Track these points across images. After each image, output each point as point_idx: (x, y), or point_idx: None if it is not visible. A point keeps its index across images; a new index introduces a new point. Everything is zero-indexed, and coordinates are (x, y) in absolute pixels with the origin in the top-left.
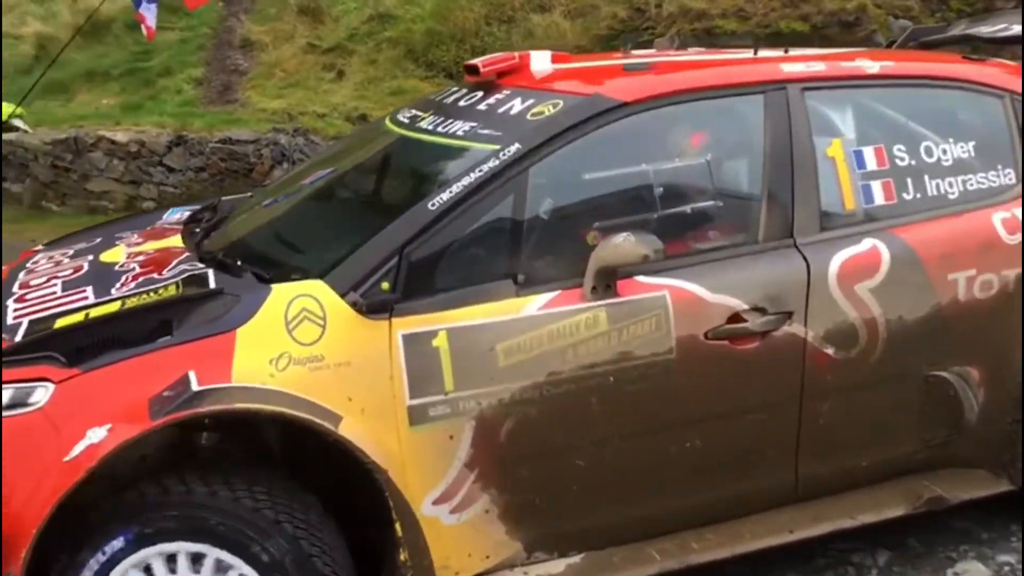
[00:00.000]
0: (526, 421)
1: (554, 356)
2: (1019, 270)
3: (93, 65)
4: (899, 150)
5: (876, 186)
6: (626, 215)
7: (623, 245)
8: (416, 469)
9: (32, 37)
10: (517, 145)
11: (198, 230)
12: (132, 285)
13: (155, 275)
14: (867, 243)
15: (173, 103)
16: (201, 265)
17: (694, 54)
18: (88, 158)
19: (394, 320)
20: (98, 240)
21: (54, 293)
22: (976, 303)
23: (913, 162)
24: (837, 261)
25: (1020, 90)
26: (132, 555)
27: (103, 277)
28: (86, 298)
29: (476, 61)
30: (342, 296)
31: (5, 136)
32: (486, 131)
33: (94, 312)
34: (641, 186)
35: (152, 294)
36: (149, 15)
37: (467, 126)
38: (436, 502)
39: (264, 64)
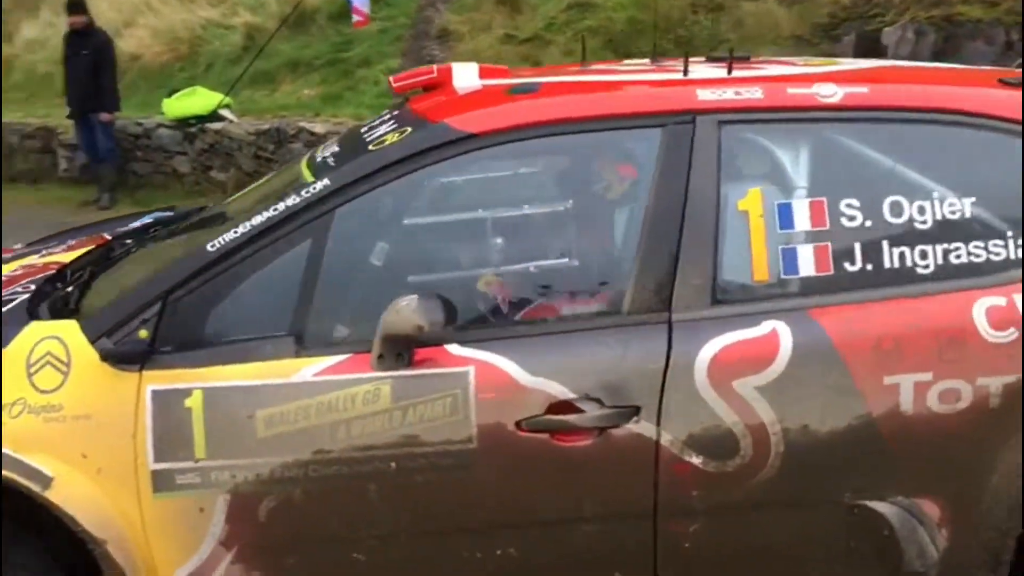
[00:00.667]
0: (290, 502)
1: (322, 432)
2: (1007, 378)
3: (297, 55)
4: (849, 206)
5: (805, 252)
6: (450, 270)
7: (402, 310)
8: (162, 540)
9: (242, 27)
10: (326, 181)
11: (112, 246)
12: None
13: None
14: (766, 327)
15: (371, 94)
16: (31, 290)
17: (637, 71)
18: (288, 149)
19: (145, 373)
20: (53, 243)
21: None
22: (933, 418)
23: (868, 223)
24: (713, 347)
25: None
26: None
27: None
28: None
29: (396, 75)
30: (92, 342)
31: (212, 126)
32: (329, 163)
33: None
34: (477, 236)
35: None
36: (363, 3)
37: (331, 158)
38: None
39: (461, 55)
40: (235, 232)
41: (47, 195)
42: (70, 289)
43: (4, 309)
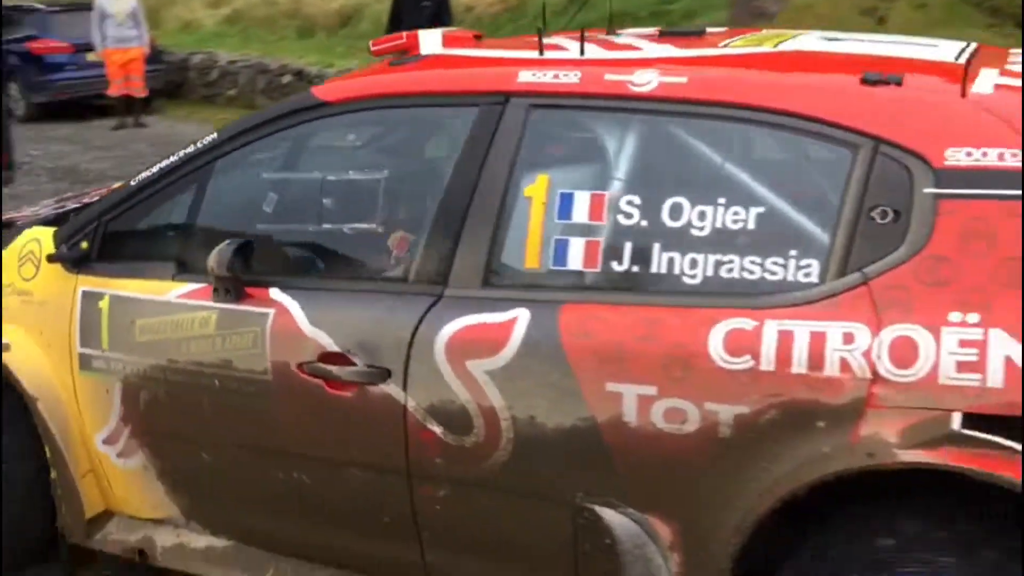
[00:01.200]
0: (156, 399)
1: (173, 345)
2: (737, 408)
3: (622, 6)
4: (629, 203)
5: (576, 245)
6: (286, 223)
7: (213, 254)
8: (88, 408)
9: None
10: (214, 135)
11: None
12: None
13: None
14: (510, 314)
15: None
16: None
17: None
18: None
19: (80, 276)
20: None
21: None
22: (659, 434)
23: (644, 222)
24: (455, 325)
25: (902, 139)
26: None
27: None
28: None
29: (375, 40)
30: (56, 246)
31: None
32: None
33: None
34: (309, 196)
35: None
36: None
37: None
38: (105, 442)
39: (795, 8)
40: (151, 171)
41: None
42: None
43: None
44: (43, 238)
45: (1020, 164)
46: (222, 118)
